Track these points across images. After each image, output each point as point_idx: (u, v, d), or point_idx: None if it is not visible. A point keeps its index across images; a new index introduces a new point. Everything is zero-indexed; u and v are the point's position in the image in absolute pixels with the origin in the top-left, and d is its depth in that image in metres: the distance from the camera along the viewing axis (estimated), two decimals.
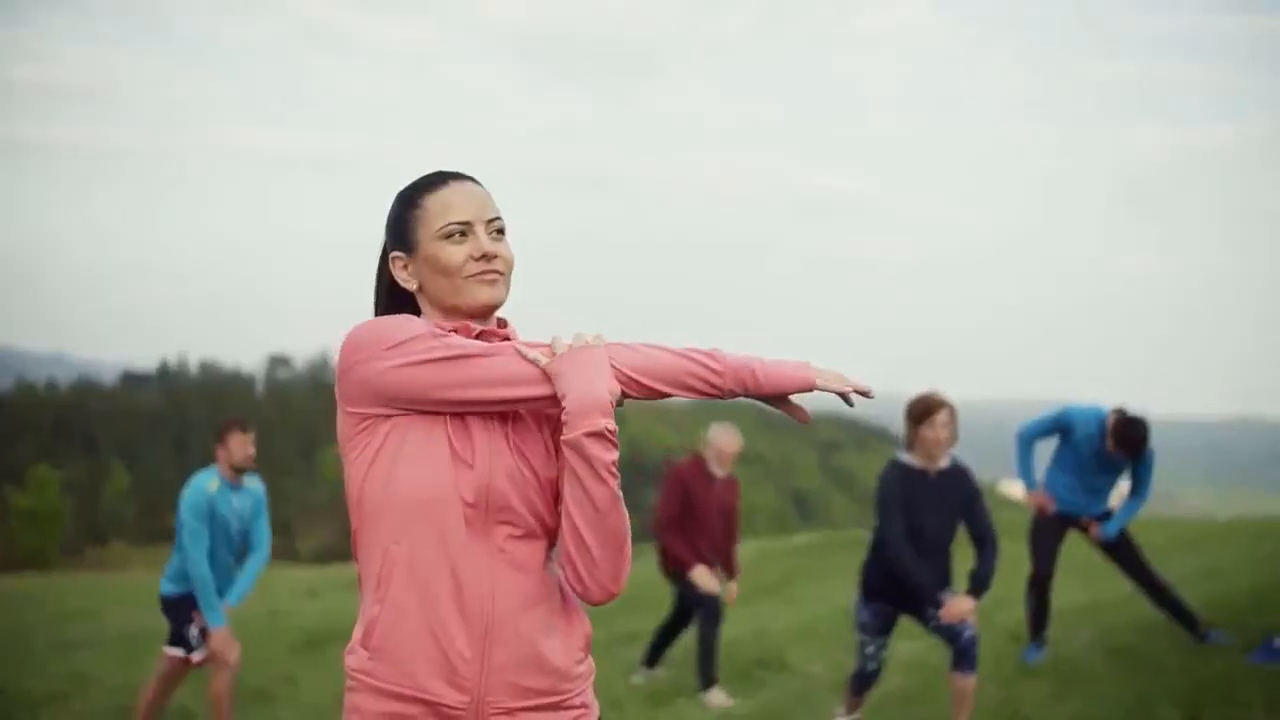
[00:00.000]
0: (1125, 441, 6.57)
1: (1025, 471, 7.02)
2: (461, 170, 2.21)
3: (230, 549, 6.15)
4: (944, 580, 5.40)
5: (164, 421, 71.58)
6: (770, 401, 2.13)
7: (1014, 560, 6.85)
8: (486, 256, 2.11)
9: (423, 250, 2.13)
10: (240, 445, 6.10)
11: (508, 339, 2.17)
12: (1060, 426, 6.90)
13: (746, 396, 2.13)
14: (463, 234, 2.12)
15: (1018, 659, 6.84)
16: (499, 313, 2.20)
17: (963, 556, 5.37)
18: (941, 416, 5.28)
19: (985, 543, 5.39)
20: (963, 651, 5.27)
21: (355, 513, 2.11)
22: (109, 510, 60.48)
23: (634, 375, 2.07)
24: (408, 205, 2.17)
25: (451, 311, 2.14)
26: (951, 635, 5.27)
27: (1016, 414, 7.35)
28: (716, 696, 7.03)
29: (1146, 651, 6.75)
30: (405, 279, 2.18)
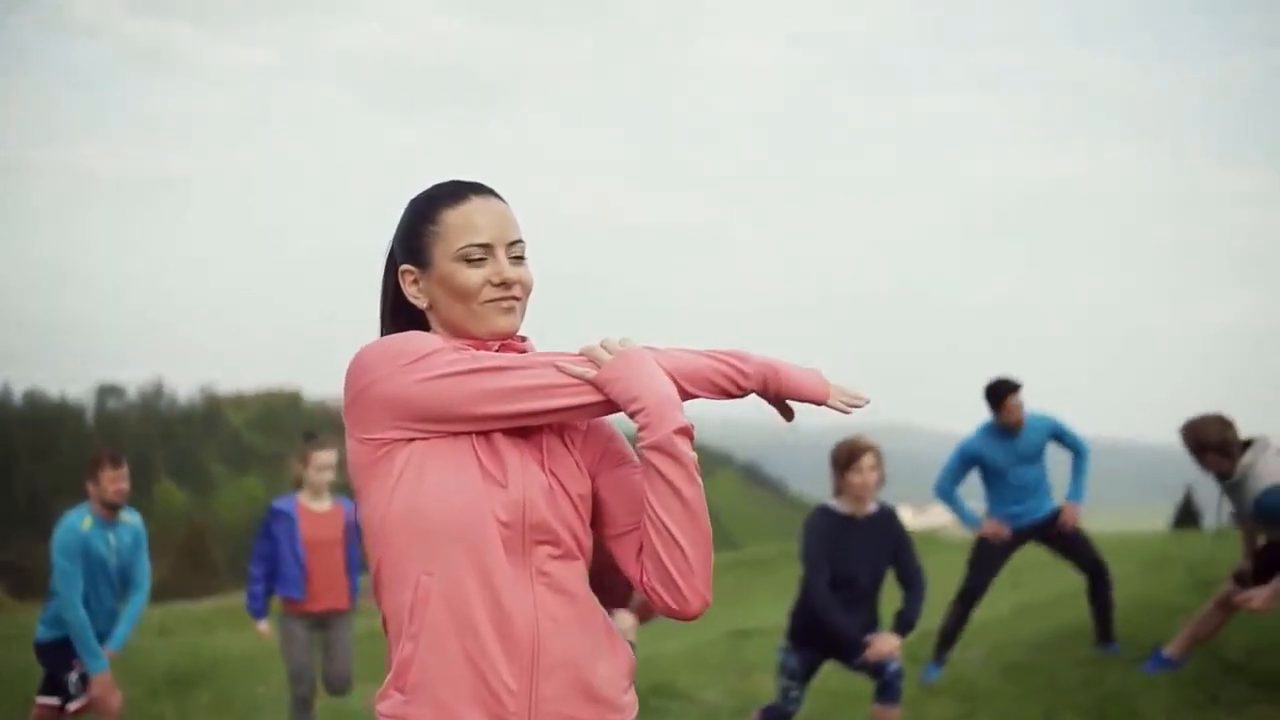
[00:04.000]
0: (992, 398, 6.90)
1: (964, 515, 7.17)
2: (481, 182, 2.07)
3: (110, 589, 5.80)
4: (872, 625, 5.33)
5: None
6: (769, 400, 2.08)
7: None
8: (506, 283, 1.98)
9: (438, 269, 1.99)
10: (112, 480, 5.77)
11: (524, 354, 2.04)
12: (966, 459, 7.05)
13: (762, 397, 2.07)
14: (482, 257, 1.98)
15: (918, 679, 6.88)
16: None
17: (890, 598, 5.34)
18: (868, 460, 5.21)
19: (913, 585, 5.34)
20: (888, 684, 5.22)
21: (377, 547, 1.94)
22: None
23: (673, 378, 1.97)
24: (424, 218, 2.02)
25: (464, 335, 2.01)
26: (877, 670, 5.22)
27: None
28: None
29: (1041, 667, 6.88)
30: (415, 295, 2.04)
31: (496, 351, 2.00)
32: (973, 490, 7.19)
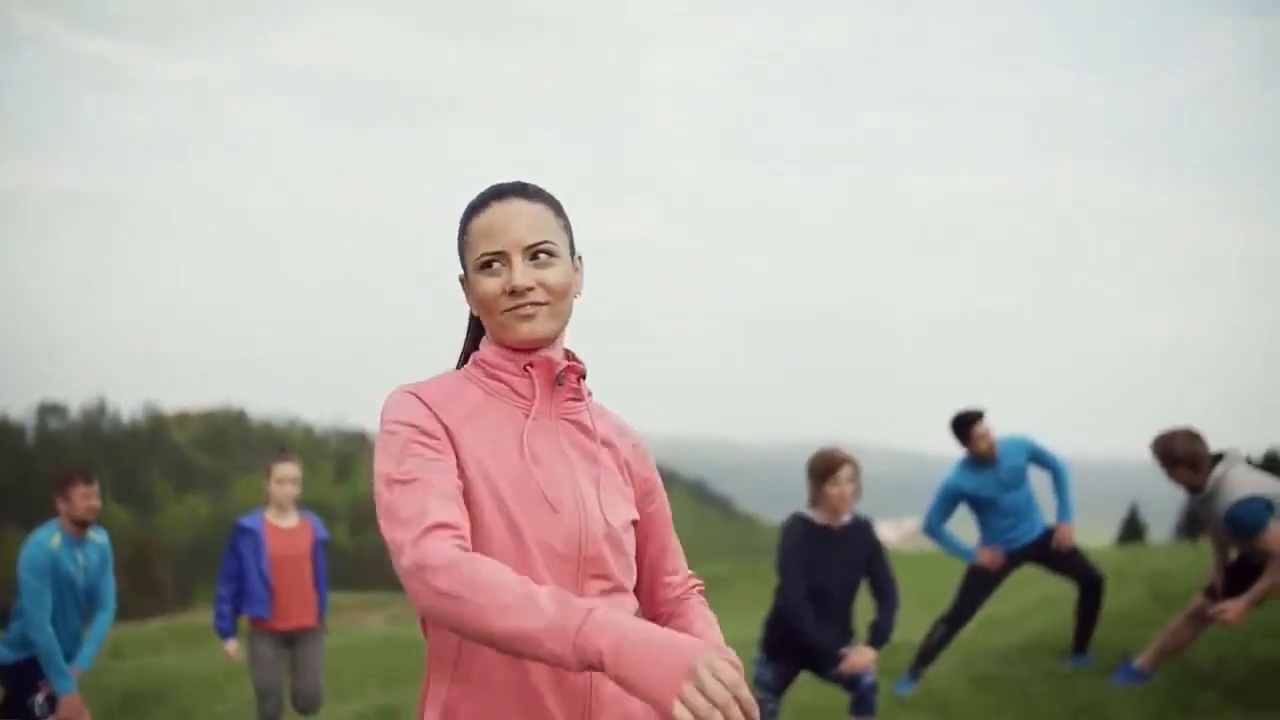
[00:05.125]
0: (958, 431, 6.93)
1: (957, 550, 7.15)
2: (514, 182, 1.97)
3: (77, 608, 5.69)
4: (846, 636, 5.34)
5: None
6: None
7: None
8: (515, 291, 1.88)
9: (469, 280, 1.96)
10: (83, 497, 5.66)
11: (584, 376, 2.00)
12: (950, 497, 7.07)
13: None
14: (497, 265, 1.91)
15: (890, 692, 6.89)
16: (568, 347, 2.01)
17: (863, 609, 5.34)
18: (845, 473, 5.22)
19: (886, 596, 5.37)
20: (862, 697, 5.23)
21: None
22: None
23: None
24: (461, 228, 1.98)
25: (502, 344, 1.96)
26: (851, 683, 5.23)
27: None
28: None
29: (1010, 679, 6.90)
30: (469, 305, 2.02)
31: (559, 375, 1.95)
32: (963, 519, 7.22)
